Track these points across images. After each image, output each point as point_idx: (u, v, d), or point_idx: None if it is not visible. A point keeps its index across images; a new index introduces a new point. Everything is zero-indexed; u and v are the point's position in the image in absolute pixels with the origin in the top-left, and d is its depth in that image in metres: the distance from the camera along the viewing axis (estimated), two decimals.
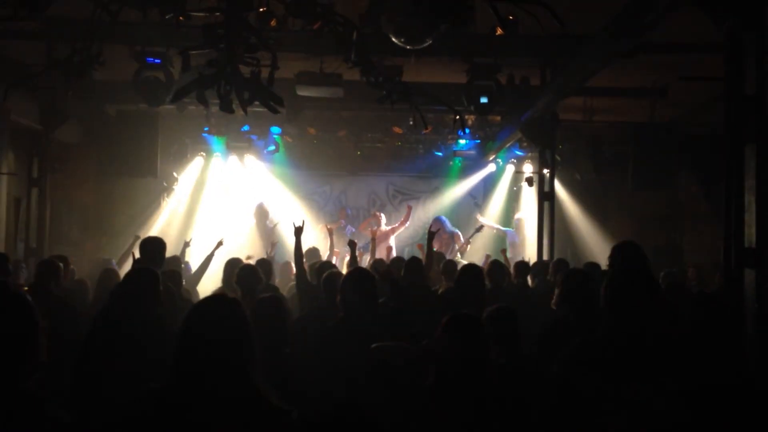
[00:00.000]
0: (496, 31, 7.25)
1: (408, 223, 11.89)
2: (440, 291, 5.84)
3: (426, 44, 5.53)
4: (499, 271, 6.40)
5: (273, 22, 6.50)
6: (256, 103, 4.92)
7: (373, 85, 5.67)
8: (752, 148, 4.36)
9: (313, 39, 6.67)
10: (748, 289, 4.34)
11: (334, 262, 8.48)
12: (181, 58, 4.74)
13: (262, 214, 11.86)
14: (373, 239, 9.00)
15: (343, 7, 5.66)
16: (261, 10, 6.06)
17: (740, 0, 4.34)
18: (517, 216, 12.53)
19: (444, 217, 11.78)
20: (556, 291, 4.20)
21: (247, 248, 8.93)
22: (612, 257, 4.68)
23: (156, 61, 7.07)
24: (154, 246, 5.36)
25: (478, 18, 6.11)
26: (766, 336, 4.34)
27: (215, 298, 2.53)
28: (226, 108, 4.50)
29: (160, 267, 5.21)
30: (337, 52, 5.97)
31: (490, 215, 13.06)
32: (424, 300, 5.07)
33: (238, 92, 4.49)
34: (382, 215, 12.34)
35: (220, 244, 8.42)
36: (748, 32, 4.33)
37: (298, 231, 6.67)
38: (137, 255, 5.58)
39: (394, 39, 5.56)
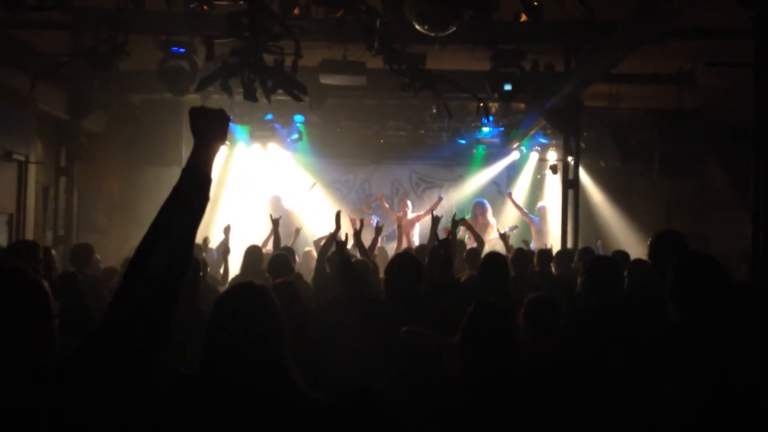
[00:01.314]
0: (521, 18, 7.19)
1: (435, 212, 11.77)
2: (463, 279, 5.83)
3: (449, 31, 5.52)
4: (522, 259, 6.38)
5: (296, 11, 6.53)
6: (280, 91, 4.96)
7: (396, 73, 5.66)
8: None
9: (336, 27, 6.69)
10: None
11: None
12: (205, 47, 4.76)
13: (276, 206, 11.80)
14: (400, 226, 8.98)
15: None
16: None
17: None
18: (540, 204, 12.39)
19: (487, 203, 11.65)
20: (579, 279, 4.17)
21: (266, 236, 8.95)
22: (657, 247, 4.46)
23: (180, 50, 7.12)
24: None
25: (502, 4, 6.08)
26: None
27: (244, 286, 2.49)
28: (250, 97, 4.53)
29: None
30: (360, 40, 5.98)
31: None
32: (453, 292, 5.05)
33: (261, 81, 4.51)
34: (409, 203, 12.35)
35: (227, 229, 8.43)
36: None
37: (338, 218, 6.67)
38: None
39: (417, 26, 5.55)
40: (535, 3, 5.84)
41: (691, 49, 8.59)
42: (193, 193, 1.85)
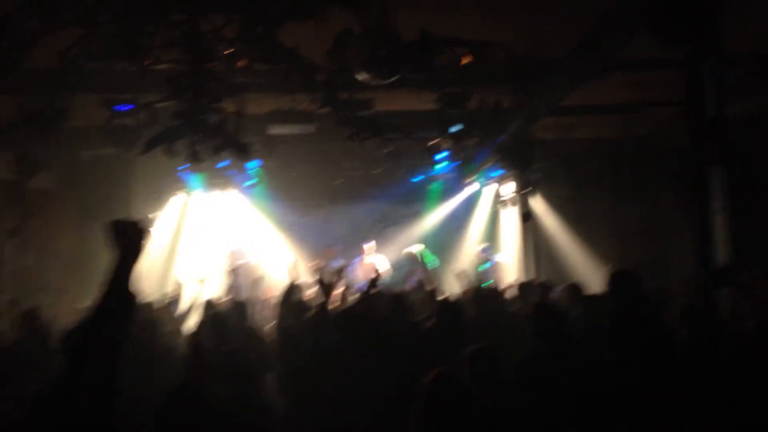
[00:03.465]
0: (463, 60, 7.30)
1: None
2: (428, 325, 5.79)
3: (393, 79, 5.56)
4: (483, 298, 6.39)
5: (242, 63, 6.54)
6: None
7: (342, 124, 5.69)
8: (717, 169, 4.41)
9: (282, 78, 6.71)
10: (723, 308, 4.37)
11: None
12: (148, 112, 4.75)
13: (236, 260, 11.57)
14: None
15: (313, 44, 5.72)
16: (229, 51, 6.10)
17: (697, 28, 4.39)
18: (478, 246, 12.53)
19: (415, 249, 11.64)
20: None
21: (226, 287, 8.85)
22: (613, 289, 4.57)
23: (126, 107, 7.04)
24: None
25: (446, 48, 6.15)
26: (743, 353, 4.40)
27: (182, 392, 2.52)
28: (194, 159, 4.50)
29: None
30: (305, 91, 6.00)
31: (473, 236, 13.06)
32: (410, 338, 5.04)
33: (205, 142, 4.50)
34: (373, 243, 12.41)
35: (202, 282, 8.39)
36: (705, 57, 4.40)
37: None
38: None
39: (360, 76, 5.59)
40: (470, 53, 5.90)
41: (635, 80, 8.78)
42: (115, 308, 1.89)
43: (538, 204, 12.23)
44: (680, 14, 4.45)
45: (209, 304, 6.80)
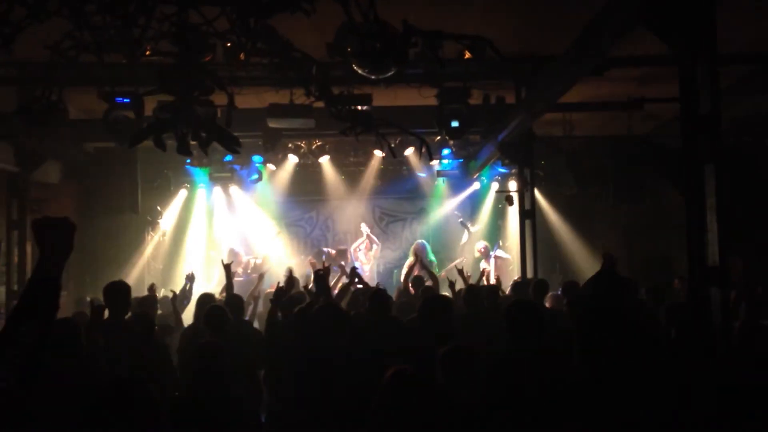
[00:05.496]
0: (465, 55, 7.26)
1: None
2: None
3: (391, 73, 5.53)
4: (474, 296, 6.34)
5: (242, 56, 6.51)
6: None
7: (337, 117, 5.65)
8: (710, 168, 4.37)
9: (280, 72, 6.69)
10: (714, 306, 4.33)
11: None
12: (138, 104, 4.73)
13: (233, 257, 11.53)
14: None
15: (310, 37, 5.70)
16: (223, 44, 6.09)
17: (691, 24, 4.34)
18: (479, 244, 12.48)
19: (425, 244, 11.70)
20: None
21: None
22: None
23: (125, 100, 7.05)
24: (118, 292, 5.27)
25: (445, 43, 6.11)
26: (735, 351, 4.38)
27: (122, 383, 2.47)
28: (184, 151, 4.48)
29: (125, 313, 5.19)
30: (299, 85, 5.96)
31: (477, 233, 13.02)
32: (392, 335, 5.02)
33: (194, 135, 4.47)
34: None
35: (191, 278, 8.39)
36: (700, 54, 4.34)
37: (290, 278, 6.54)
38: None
39: (358, 69, 5.56)
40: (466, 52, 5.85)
41: (638, 76, 8.73)
42: (40, 302, 1.88)
43: (542, 201, 12.18)
44: (675, 11, 4.40)
45: (206, 298, 6.81)
